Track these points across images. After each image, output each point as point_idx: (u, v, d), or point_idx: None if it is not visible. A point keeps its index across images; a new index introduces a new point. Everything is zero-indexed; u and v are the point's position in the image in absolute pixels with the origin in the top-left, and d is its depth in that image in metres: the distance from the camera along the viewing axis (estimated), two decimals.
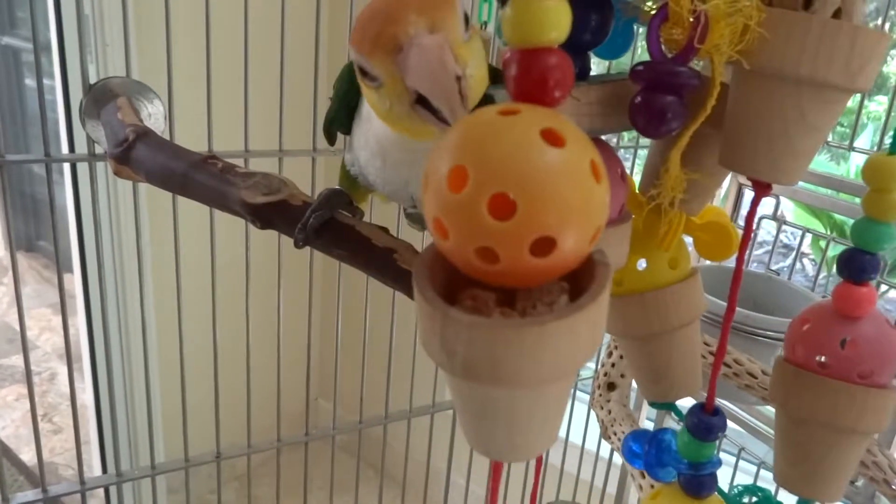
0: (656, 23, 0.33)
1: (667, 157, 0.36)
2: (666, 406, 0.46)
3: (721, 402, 0.89)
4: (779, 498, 0.49)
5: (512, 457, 0.26)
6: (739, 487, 0.49)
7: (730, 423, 0.91)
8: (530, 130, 0.21)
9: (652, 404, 0.46)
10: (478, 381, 0.22)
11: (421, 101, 0.31)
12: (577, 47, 0.36)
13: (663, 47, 0.33)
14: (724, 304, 0.83)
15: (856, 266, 0.39)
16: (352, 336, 0.88)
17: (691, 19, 0.32)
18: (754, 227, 0.97)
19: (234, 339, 0.81)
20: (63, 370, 2.37)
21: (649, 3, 0.42)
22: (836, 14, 0.31)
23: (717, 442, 0.97)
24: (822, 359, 0.40)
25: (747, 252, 1.01)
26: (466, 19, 0.31)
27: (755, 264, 1.02)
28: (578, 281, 0.24)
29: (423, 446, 0.97)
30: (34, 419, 0.70)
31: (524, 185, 0.21)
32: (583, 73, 0.37)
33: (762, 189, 0.35)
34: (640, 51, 0.75)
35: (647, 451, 0.49)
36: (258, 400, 0.84)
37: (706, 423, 0.41)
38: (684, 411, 0.45)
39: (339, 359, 0.88)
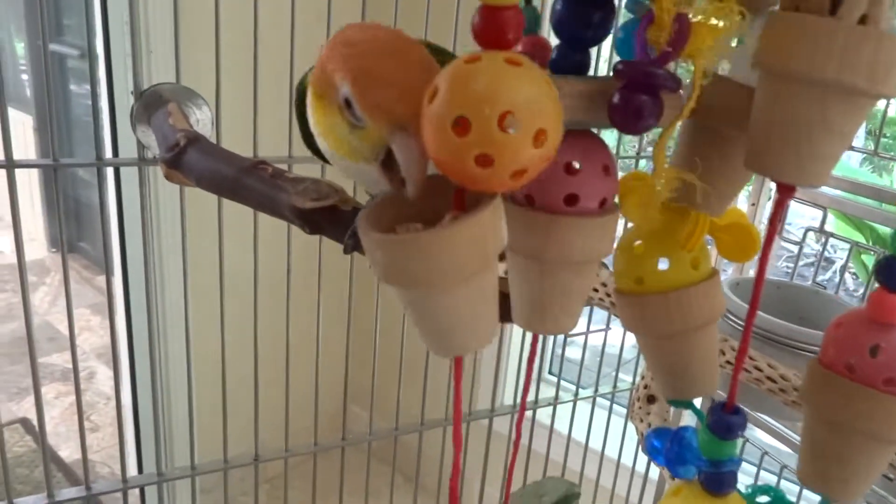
0: (644, 24, 0.34)
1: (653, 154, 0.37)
2: (685, 404, 0.47)
3: (759, 416, 0.87)
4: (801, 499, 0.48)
5: (444, 352, 0.32)
6: (752, 487, 0.49)
7: (773, 442, 0.89)
8: (542, 77, 0.28)
9: (670, 402, 0.46)
10: (389, 282, 0.30)
11: (385, 162, 0.34)
12: (578, 43, 0.37)
13: (649, 48, 0.34)
14: (768, 316, 0.82)
15: (891, 274, 0.40)
16: (389, 343, 0.88)
17: (672, 23, 0.33)
18: (800, 239, 0.95)
19: (271, 345, 0.82)
20: (101, 369, 2.42)
21: None
22: (863, 20, 0.32)
23: (741, 443, 0.95)
24: (852, 362, 0.41)
25: (794, 265, 0.99)
26: None
27: (796, 277, 1.00)
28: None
29: None
30: (80, 420, 0.72)
31: (552, 121, 0.27)
32: (581, 67, 0.38)
33: (786, 191, 0.36)
34: None
35: (668, 448, 0.50)
36: (292, 404, 0.85)
37: (726, 421, 0.41)
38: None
39: (375, 365, 0.88)
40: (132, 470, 1.52)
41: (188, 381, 0.79)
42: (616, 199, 0.39)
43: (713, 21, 0.33)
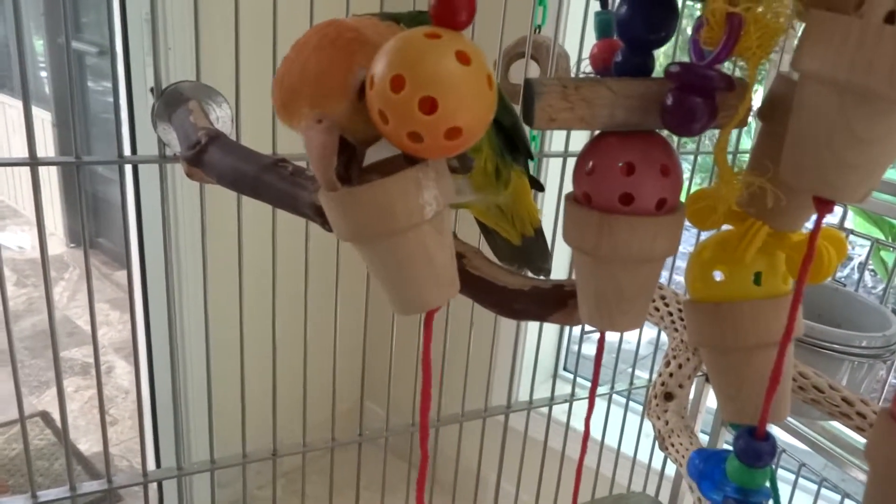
0: (697, 25, 0.33)
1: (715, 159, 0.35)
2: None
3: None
4: None
5: (403, 309, 0.36)
6: None
7: (791, 440, 0.88)
8: (449, 52, 0.29)
9: (731, 425, 0.44)
10: (340, 237, 0.34)
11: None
12: (640, 45, 0.37)
13: (704, 50, 0.34)
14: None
15: None
16: (405, 339, 0.88)
17: (724, 23, 0.32)
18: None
19: (289, 341, 0.83)
20: (119, 364, 2.45)
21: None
22: (892, 18, 0.29)
23: (773, 466, 0.94)
24: None
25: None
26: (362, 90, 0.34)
27: None
28: None
29: (473, 452, 0.97)
30: (101, 414, 0.73)
31: (446, 91, 0.29)
32: (643, 70, 0.38)
33: (822, 206, 0.33)
34: None
35: (699, 467, 0.49)
36: (310, 400, 0.85)
37: (754, 448, 0.39)
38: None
39: (392, 362, 0.89)
40: (150, 464, 1.53)
41: (207, 376, 0.80)
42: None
43: (767, 17, 0.32)
